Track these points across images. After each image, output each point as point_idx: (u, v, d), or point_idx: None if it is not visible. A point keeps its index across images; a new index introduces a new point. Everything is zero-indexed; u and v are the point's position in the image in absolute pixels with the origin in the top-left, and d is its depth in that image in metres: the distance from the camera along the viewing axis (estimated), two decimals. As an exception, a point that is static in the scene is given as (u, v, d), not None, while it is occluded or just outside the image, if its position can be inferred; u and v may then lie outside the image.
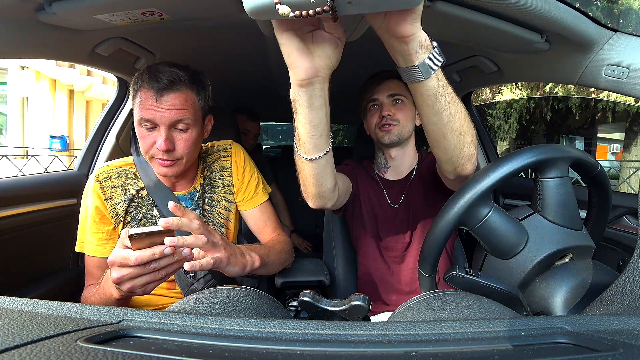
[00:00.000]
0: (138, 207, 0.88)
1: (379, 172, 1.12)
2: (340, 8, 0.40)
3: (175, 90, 0.78)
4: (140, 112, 0.78)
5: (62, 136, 8.68)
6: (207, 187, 0.95)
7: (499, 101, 10.04)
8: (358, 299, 0.50)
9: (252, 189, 0.98)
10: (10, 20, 0.71)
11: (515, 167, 0.59)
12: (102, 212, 0.85)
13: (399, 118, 1.01)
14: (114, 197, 0.86)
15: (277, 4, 0.39)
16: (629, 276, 0.43)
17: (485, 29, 0.76)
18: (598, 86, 0.81)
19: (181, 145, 0.81)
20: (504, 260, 0.62)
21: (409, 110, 1.02)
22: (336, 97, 2.10)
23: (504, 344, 0.33)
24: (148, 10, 0.72)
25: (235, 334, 0.34)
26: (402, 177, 1.08)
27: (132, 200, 0.87)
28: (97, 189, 0.85)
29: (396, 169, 1.09)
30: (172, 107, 0.78)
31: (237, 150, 1.00)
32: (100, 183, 0.86)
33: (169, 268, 0.60)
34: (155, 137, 0.79)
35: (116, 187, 0.86)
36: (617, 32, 0.76)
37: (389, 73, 1.03)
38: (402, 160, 1.07)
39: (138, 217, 0.87)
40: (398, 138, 1.01)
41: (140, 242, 0.56)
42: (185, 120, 0.80)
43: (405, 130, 1.02)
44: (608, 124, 10.16)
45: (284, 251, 0.94)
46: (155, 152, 0.80)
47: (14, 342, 0.28)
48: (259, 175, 1.01)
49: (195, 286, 0.88)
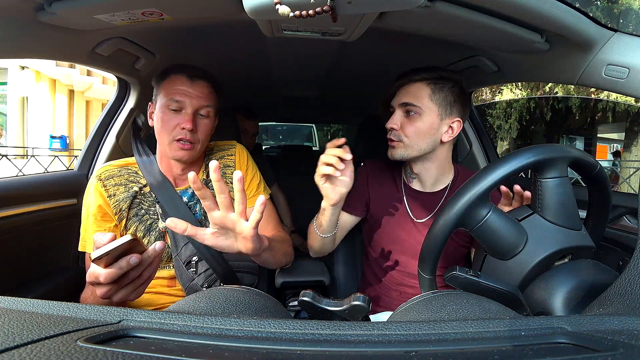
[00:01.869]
0: (141, 203, 0.89)
1: (405, 178, 1.02)
2: (340, 8, 0.40)
3: (205, 79, 0.88)
4: (171, 94, 0.84)
5: (62, 136, 8.67)
6: (210, 183, 0.95)
7: (499, 101, 10.04)
8: (358, 299, 0.50)
9: (254, 187, 1.00)
10: (10, 20, 0.71)
11: (513, 168, 0.59)
12: (104, 210, 0.86)
13: (408, 134, 0.89)
14: (117, 194, 0.87)
15: (277, 4, 0.39)
16: (629, 276, 0.43)
17: (485, 29, 0.76)
18: (598, 86, 0.81)
19: (202, 129, 0.87)
20: (504, 261, 0.62)
21: (424, 124, 0.88)
22: (336, 97, 2.13)
23: (504, 344, 0.33)
24: (148, 10, 0.72)
25: (235, 334, 0.34)
26: (431, 190, 0.98)
27: (135, 197, 0.88)
28: (100, 187, 0.86)
29: (422, 182, 0.98)
30: (201, 94, 0.86)
31: (240, 150, 1.03)
32: (103, 182, 0.87)
33: (147, 272, 0.58)
34: (181, 119, 0.85)
35: (119, 185, 0.88)
36: (617, 32, 0.76)
37: (412, 76, 0.91)
38: (426, 175, 0.96)
39: (140, 214, 0.89)
40: (401, 157, 0.91)
41: (109, 259, 0.53)
42: (208, 108, 0.87)
43: (413, 149, 0.89)
44: (608, 124, 10.17)
45: (284, 245, 0.96)
46: (177, 133, 0.84)
47: (14, 342, 0.28)
48: (260, 176, 1.03)
49: (196, 281, 0.88)
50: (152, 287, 0.91)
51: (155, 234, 0.89)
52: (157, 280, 0.92)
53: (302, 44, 1.14)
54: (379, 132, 1.29)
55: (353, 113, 2.62)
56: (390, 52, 1.22)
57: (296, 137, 5.27)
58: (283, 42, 1.03)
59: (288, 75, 1.61)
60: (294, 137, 5.25)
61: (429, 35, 0.85)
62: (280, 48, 1.22)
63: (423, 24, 0.79)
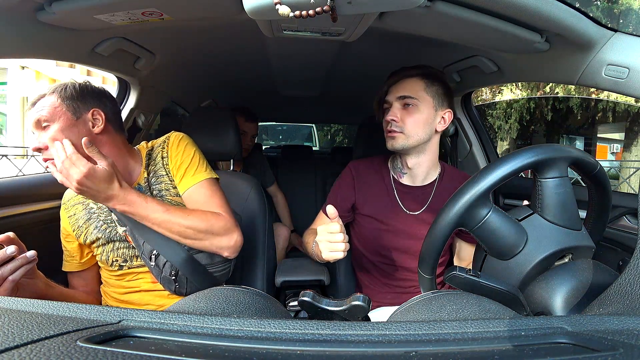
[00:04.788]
0: (99, 216, 0.92)
1: (394, 174, 1.06)
2: (340, 8, 0.40)
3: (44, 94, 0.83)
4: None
5: (62, 136, 8.67)
6: (153, 179, 0.94)
7: (499, 101, 10.04)
8: (358, 299, 0.50)
9: (183, 170, 0.93)
10: (10, 20, 0.71)
11: (514, 168, 0.59)
12: (68, 231, 0.93)
13: (407, 124, 0.95)
14: (76, 214, 0.93)
15: (277, 4, 0.39)
16: (629, 276, 0.43)
17: (485, 29, 0.76)
18: (598, 86, 0.81)
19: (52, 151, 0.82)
20: (504, 261, 0.62)
21: (421, 116, 0.95)
22: (336, 97, 2.12)
23: (504, 344, 0.33)
24: (148, 10, 0.73)
25: (235, 334, 0.34)
26: (421, 184, 1.04)
27: (93, 212, 0.92)
28: (63, 210, 0.94)
29: (413, 176, 1.04)
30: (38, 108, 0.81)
31: (174, 137, 0.97)
32: (65, 204, 0.95)
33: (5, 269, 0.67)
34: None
35: (77, 204, 0.93)
36: (617, 32, 0.76)
37: (405, 73, 0.97)
38: (419, 169, 1.02)
39: (99, 225, 0.91)
40: (402, 147, 0.96)
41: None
42: (43, 118, 0.81)
43: (413, 139, 0.95)
44: (608, 124, 10.17)
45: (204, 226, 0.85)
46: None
47: (14, 342, 0.28)
48: (197, 158, 0.95)
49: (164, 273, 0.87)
50: (137, 286, 0.92)
51: (116, 238, 0.90)
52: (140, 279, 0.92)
53: (302, 44, 1.14)
54: (379, 133, 1.30)
55: (353, 113, 2.62)
56: (390, 53, 1.22)
57: (296, 137, 5.27)
58: (283, 42, 1.04)
59: (288, 75, 1.61)
60: (294, 137, 5.25)
61: (428, 35, 0.85)
62: (280, 48, 1.22)
63: (423, 24, 0.79)
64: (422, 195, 1.03)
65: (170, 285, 0.89)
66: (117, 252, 0.90)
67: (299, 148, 2.91)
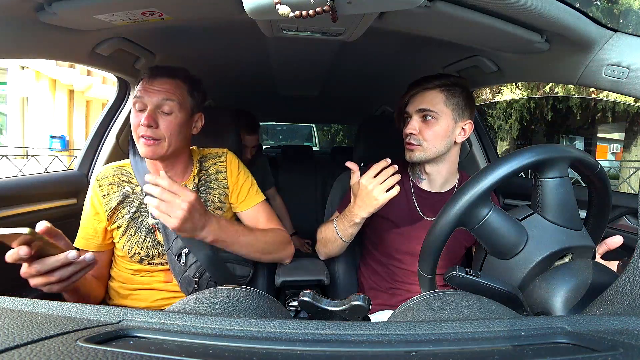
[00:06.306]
0: (133, 202, 0.93)
1: (413, 179, 1.06)
2: (340, 8, 0.40)
3: (167, 76, 0.88)
4: (135, 94, 0.87)
5: (62, 136, 8.67)
6: (203, 187, 0.98)
7: (499, 101, 10.05)
8: (358, 299, 0.50)
9: (246, 191, 1.02)
10: (10, 20, 0.71)
11: (514, 168, 0.59)
12: (97, 209, 0.92)
13: (426, 137, 0.94)
14: (110, 193, 0.92)
15: (277, 4, 0.39)
16: (629, 276, 0.43)
17: (485, 29, 0.76)
18: (598, 86, 0.81)
19: (164, 126, 0.86)
20: (504, 261, 0.62)
21: (441, 128, 0.94)
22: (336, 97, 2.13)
23: (503, 344, 0.33)
24: (148, 10, 0.73)
25: (235, 334, 0.34)
26: (440, 190, 1.03)
27: (128, 195, 0.93)
28: (96, 187, 0.93)
29: (432, 182, 1.04)
30: (160, 89, 0.86)
31: (231, 157, 1.05)
32: (99, 182, 0.93)
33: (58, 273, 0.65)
34: (142, 116, 0.85)
35: (112, 184, 0.93)
36: (617, 32, 0.76)
37: (425, 85, 0.96)
38: (437, 176, 1.02)
39: (132, 211, 0.92)
40: (420, 160, 0.96)
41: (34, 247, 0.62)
42: (169, 104, 0.86)
43: (432, 151, 0.95)
44: (608, 124, 10.17)
45: (275, 241, 0.98)
46: (140, 130, 0.85)
47: (14, 342, 0.28)
48: (253, 180, 1.05)
49: (188, 273, 0.90)
50: (148, 283, 0.93)
51: (145, 230, 0.92)
52: (154, 277, 0.93)
53: (302, 44, 1.14)
54: (379, 133, 1.29)
55: (353, 113, 2.62)
56: (390, 52, 1.22)
57: (296, 137, 5.27)
58: (283, 42, 1.03)
59: (288, 75, 1.61)
60: (294, 137, 5.25)
61: (428, 35, 0.85)
62: (280, 48, 1.22)
63: (423, 24, 0.79)
64: (440, 202, 1.01)
65: (189, 286, 0.90)
66: (142, 245, 0.91)
67: (299, 148, 2.91)
